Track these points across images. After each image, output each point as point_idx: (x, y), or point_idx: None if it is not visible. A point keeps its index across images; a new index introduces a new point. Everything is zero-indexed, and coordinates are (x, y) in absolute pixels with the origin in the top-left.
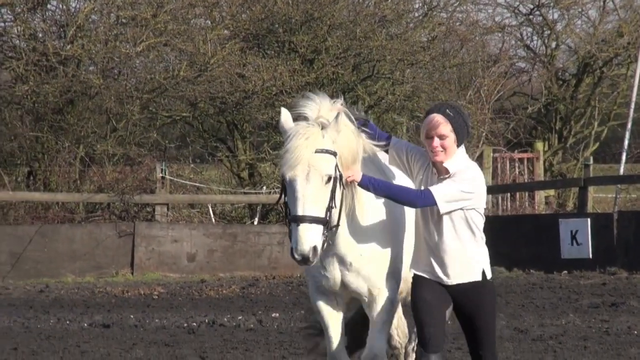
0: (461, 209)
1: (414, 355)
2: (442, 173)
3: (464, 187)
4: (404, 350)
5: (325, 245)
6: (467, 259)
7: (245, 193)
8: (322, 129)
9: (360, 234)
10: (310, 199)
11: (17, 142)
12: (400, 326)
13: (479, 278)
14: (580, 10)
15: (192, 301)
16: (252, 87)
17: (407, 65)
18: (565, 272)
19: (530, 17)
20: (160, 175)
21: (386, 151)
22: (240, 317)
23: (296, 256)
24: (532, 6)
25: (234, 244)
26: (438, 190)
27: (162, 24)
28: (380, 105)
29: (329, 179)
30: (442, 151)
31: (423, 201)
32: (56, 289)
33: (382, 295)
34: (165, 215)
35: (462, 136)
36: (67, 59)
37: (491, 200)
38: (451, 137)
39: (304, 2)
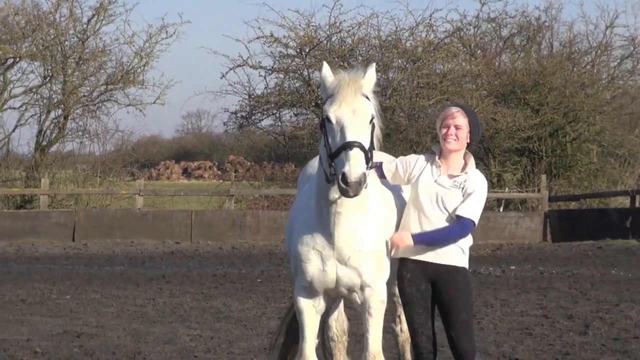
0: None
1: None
2: (451, 170)
3: (482, 197)
4: (339, 345)
5: (366, 185)
6: (458, 247)
7: (494, 192)
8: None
9: (361, 229)
10: (359, 130)
11: None
12: (339, 320)
13: (460, 264)
14: None
15: None
16: (500, 126)
17: (597, 113)
18: None
19: None
20: None
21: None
22: (491, 268)
23: (352, 179)
24: None
25: (487, 223)
26: (472, 213)
27: (445, 87)
28: (579, 138)
29: (371, 120)
30: (455, 140)
31: (467, 231)
32: None
33: (374, 297)
34: None
35: (476, 134)
36: (386, 109)
37: None
38: (465, 130)
39: (534, 74)
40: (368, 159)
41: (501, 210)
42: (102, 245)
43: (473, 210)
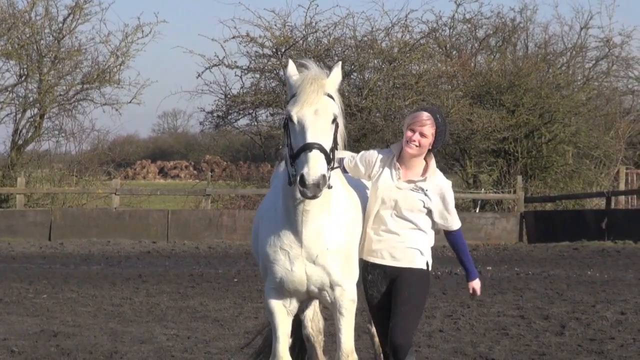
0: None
1: None
2: (411, 173)
3: (453, 198)
4: (316, 344)
5: (328, 186)
6: (416, 249)
7: (470, 192)
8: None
9: (328, 227)
10: (320, 131)
11: None
12: (315, 320)
13: (417, 266)
14: None
15: (438, 258)
16: (476, 127)
17: (572, 114)
18: None
19: None
20: None
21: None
22: None
23: (310, 181)
24: None
25: (463, 223)
26: (458, 221)
27: (421, 87)
28: (555, 139)
29: (334, 119)
30: (417, 146)
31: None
32: None
33: (345, 297)
34: None
35: (437, 143)
36: (362, 109)
37: (624, 199)
38: (430, 140)
39: (509, 75)
40: (330, 160)
41: (477, 211)
42: (78, 244)
43: (456, 217)
